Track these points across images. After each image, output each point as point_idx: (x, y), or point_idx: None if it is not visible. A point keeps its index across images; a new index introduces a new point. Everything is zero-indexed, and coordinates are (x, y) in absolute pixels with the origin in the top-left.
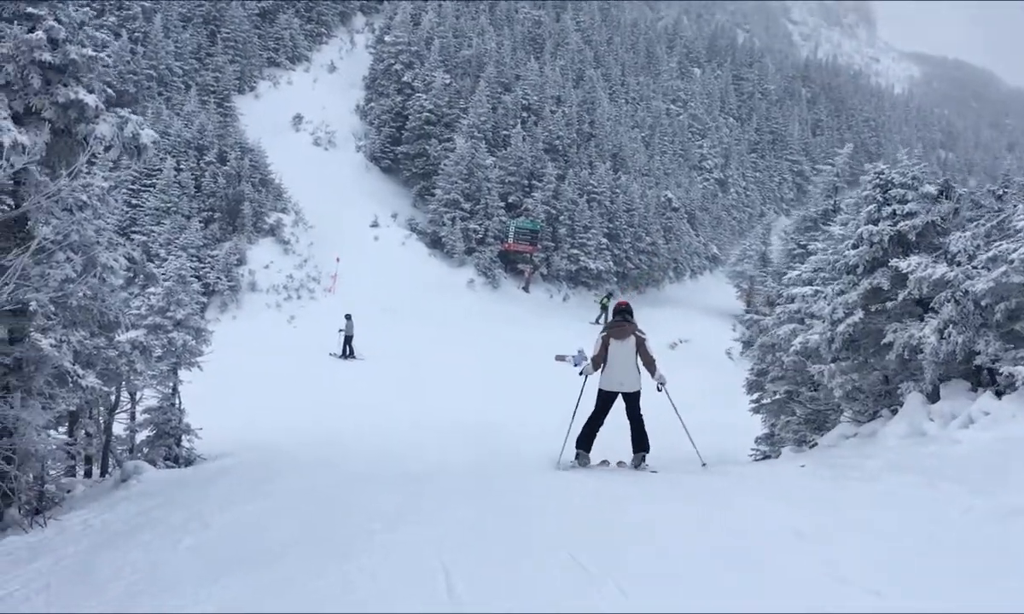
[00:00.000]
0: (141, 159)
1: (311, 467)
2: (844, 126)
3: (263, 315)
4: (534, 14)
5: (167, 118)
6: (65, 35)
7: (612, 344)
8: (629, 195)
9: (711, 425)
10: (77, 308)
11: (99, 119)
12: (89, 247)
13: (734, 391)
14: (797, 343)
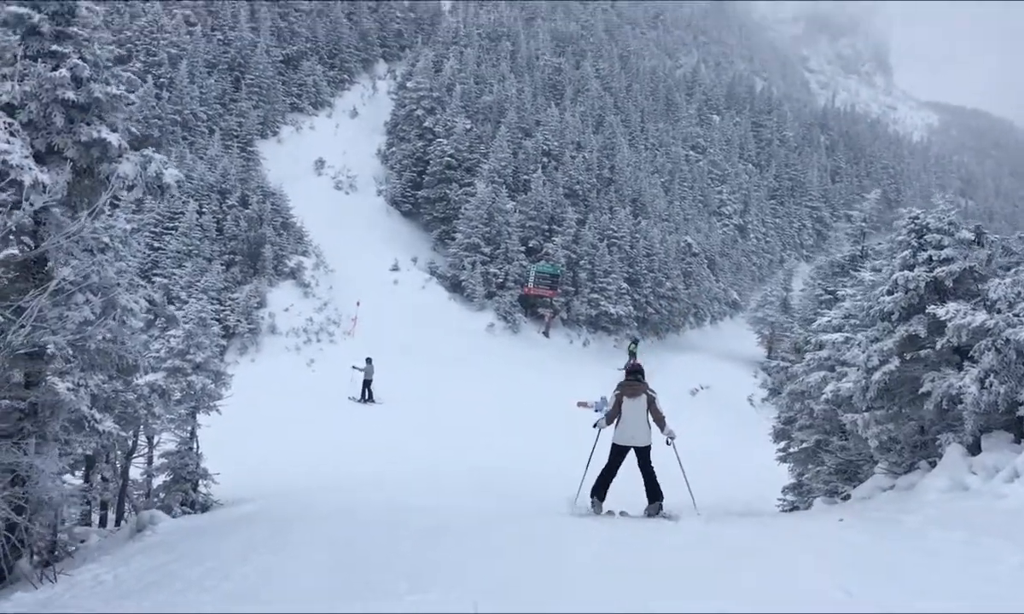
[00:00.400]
0: (164, 199)
1: (331, 516)
2: (863, 173)
3: (282, 358)
4: (554, 61)
5: (190, 162)
6: (89, 73)
7: (625, 402)
8: (649, 240)
9: (734, 473)
10: (96, 351)
11: (122, 158)
12: (109, 289)
13: (757, 439)
14: (828, 391)
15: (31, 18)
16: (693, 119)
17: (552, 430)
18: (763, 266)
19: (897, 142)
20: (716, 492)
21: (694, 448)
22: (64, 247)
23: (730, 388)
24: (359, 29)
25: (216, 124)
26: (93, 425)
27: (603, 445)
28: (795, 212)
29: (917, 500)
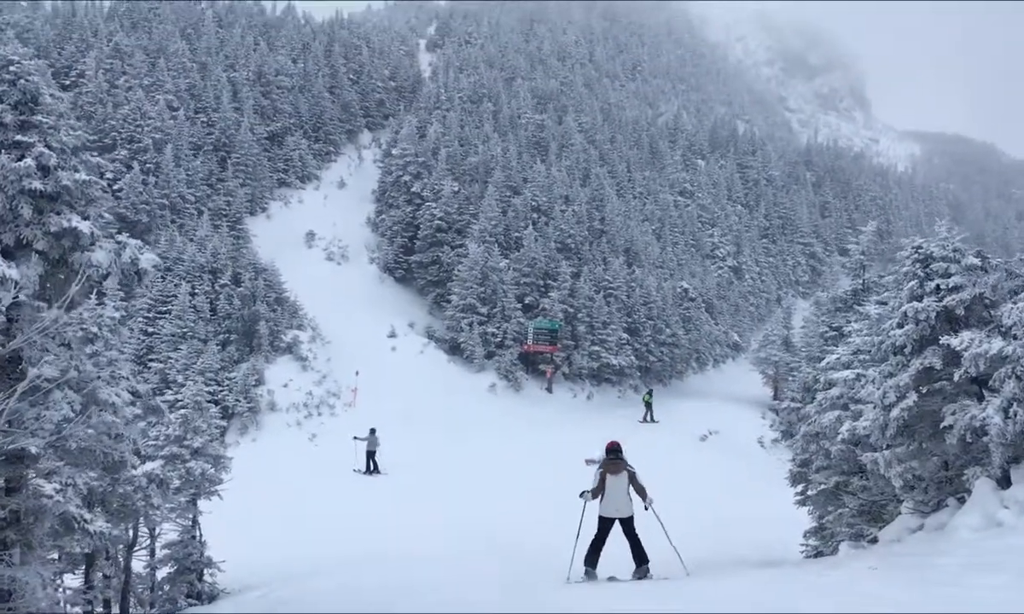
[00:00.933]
0: (143, 284)
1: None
2: (852, 206)
3: (284, 435)
4: (536, 118)
5: (180, 244)
6: (56, 162)
7: (609, 478)
8: (645, 288)
9: (750, 519)
10: (78, 451)
11: (95, 246)
12: (87, 383)
13: (771, 481)
14: (844, 430)
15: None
16: (679, 165)
17: (562, 489)
18: (761, 306)
19: (883, 174)
20: (734, 540)
21: (707, 495)
22: (38, 343)
23: (739, 431)
24: (341, 101)
25: (204, 205)
26: (84, 526)
27: (590, 516)
28: (788, 250)
29: (949, 541)
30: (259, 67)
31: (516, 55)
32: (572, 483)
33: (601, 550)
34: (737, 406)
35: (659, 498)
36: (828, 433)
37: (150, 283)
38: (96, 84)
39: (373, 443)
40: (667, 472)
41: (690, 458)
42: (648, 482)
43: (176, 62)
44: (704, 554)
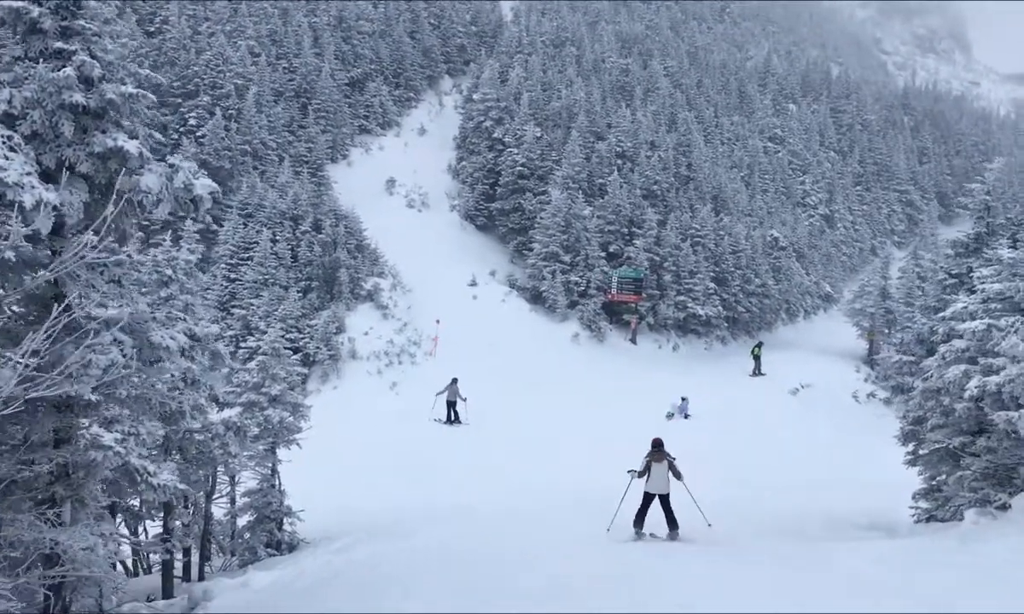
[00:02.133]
0: (199, 214)
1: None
2: (952, 152)
3: (364, 383)
4: (621, 62)
5: (261, 191)
6: (101, 73)
7: (653, 465)
8: (734, 236)
9: (850, 478)
10: (128, 399)
11: (144, 169)
12: (141, 324)
13: (870, 438)
14: (972, 387)
15: (30, 13)
16: (768, 110)
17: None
18: (854, 256)
19: (985, 118)
20: (836, 500)
21: (801, 452)
22: (82, 278)
23: (833, 385)
24: (422, 46)
25: (285, 151)
26: (147, 479)
27: (633, 488)
28: (883, 197)
29: None
30: (340, 12)
31: None
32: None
33: (644, 516)
34: (830, 359)
35: (748, 454)
36: (952, 389)
37: (203, 214)
38: (179, 29)
39: (454, 393)
40: (757, 427)
41: (781, 413)
42: (687, 466)
43: (257, 8)
44: (810, 513)
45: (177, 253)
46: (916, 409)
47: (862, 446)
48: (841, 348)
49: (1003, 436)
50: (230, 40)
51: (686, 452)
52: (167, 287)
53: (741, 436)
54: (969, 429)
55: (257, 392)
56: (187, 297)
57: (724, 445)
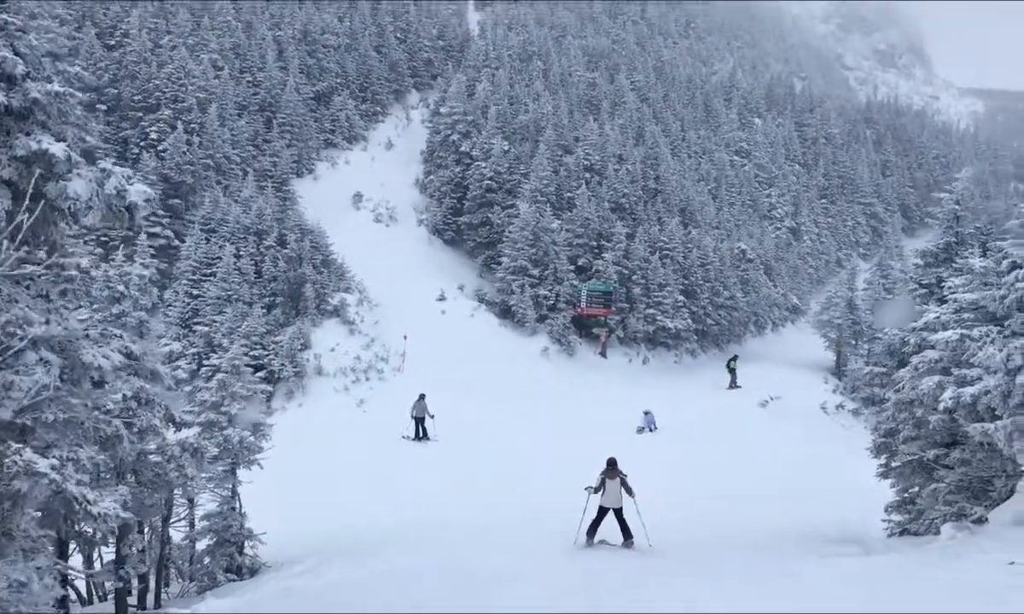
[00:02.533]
0: (135, 223)
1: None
2: (914, 165)
3: (331, 400)
4: (588, 76)
5: (225, 205)
6: (25, 70)
7: (607, 482)
8: (702, 249)
9: (821, 490)
10: (56, 423)
11: (72, 174)
12: (73, 343)
13: (838, 449)
14: (947, 398)
15: None
16: (734, 123)
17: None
18: (820, 268)
19: (945, 131)
20: (807, 513)
21: (772, 464)
22: (3, 292)
23: (801, 396)
24: (388, 60)
25: (249, 166)
26: (86, 508)
27: (591, 504)
28: (848, 210)
29: None
30: (304, 25)
31: (566, 12)
32: (623, 451)
33: (597, 529)
34: (798, 371)
35: (719, 467)
36: (925, 400)
37: (138, 223)
38: (140, 42)
39: (422, 409)
40: (728, 439)
41: (751, 425)
42: (641, 481)
43: (220, 21)
44: (781, 526)
45: (130, 268)
46: (888, 421)
47: (831, 457)
48: (809, 360)
49: (977, 448)
50: (192, 54)
51: (658, 465)
52: (119, 303)
53: (711, 448)
54: (942, 441)
55: (216, 411)
56: (140, 314)
57: (694, 458)
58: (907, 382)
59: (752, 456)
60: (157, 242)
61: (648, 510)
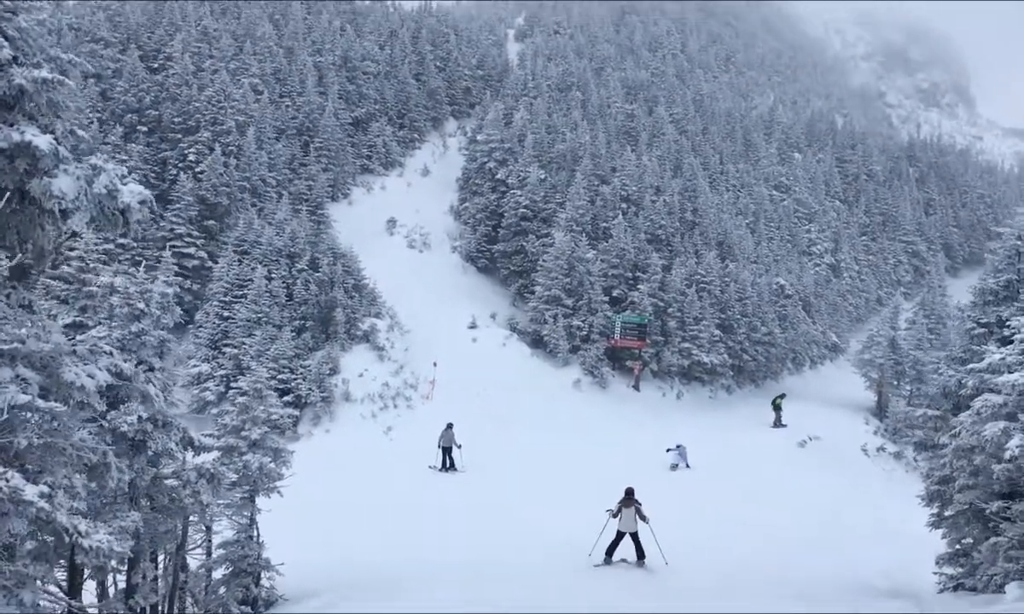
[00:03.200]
0: (129, 227)
1: None
2: (958, 204)
3: (358, 427)
4: (627, 108)
5: (258, 227)
6: (12, 54)
7: (624, 510)
8: (740, 283)
9: (867, 537)
10: (31, 449)
11: (59, 170)
12: (56, 359)
13: (883, 494)
14: (1014, 446)
15: None
16: (774, 158)
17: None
18: (860, 306)
19: (990, 170)
20: (850, 560)
21: (811, 508)
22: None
23: (841, 437)
24: (427, 88)
25: (285, 188)
26: (77, 540)
27: (609, 525)
28: (889, 248)
29: None
30: (345, 52)
31: (606, 45)
32: (656, 490)
33: (615, 550)
34: (838, 411)
35: (756, 509)
36: (988, 447)
37: (136, 226)
38: (182, 65)
39: (449, 439)
40: (765, 479)
41: (789, 465)
42: (675, 522)
43: (263, 46)
44: (823, 574)
45: (152, 285)
46: (943, 468)
47: (874, 502)
48: (849, 399)
49: None
50: (233, 77)
51: (693, 505)
52: (139, 321)
53: (748, 488)
54: (1005, 491)
55: (236, 436)
56: (161, 333)
57: (730, 498)
58: (968, 427)
59: (791, 498)
60: (191, 263)
61: (682, 553)
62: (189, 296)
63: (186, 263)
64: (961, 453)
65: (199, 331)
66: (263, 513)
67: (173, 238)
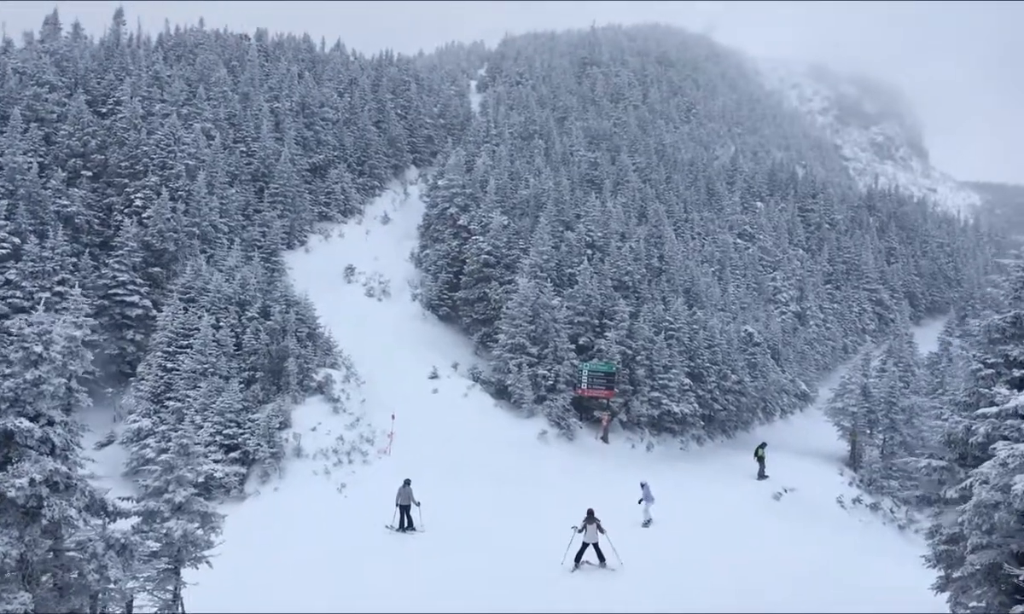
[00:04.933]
0: None
1: None
2: (919, 252)
3: (310, 484)
4: (590, 156)
5: (206, 273)
6: None
7: (588, 525)
8: (709, 330)
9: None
10: None
11: None
12: None
13: (864, 549)
14: None
15: None
16: (737, 206)
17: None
18: (827, 354)
19: (948, 221)
20: None
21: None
22: None
23: (816, 489)
24: (388, 136)
25: (238, 235)
26: None
27: (575, 540)
28: (853, 296)
29: None
30: (303, 98)
31: (568, 95)
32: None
33: (581, 557)
34: (811, 461)
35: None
36: (1018, 502)
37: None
38: (131, 109)
39: (407, 496)
40: (743, 535)
41: (767, 519)
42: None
43: (217, 91)
44: None
45: (51, 326)
46: (952, 525)
47: (857, 558)
48: (821, 449)
49: None
50: (185, 122)
51: (669, 566)
52: (36, 368)
53: (726, 546)
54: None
55: (158, 499)
56: (61, 380)
57: (706, 557)
58: (993, 480)
59: (772, 557)
60: (134, 311)
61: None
62: (132, 347)
63: (129, 312)
64: (983, 510)
65: (141, 384)
66: (197, 585)
67: (115, 286)
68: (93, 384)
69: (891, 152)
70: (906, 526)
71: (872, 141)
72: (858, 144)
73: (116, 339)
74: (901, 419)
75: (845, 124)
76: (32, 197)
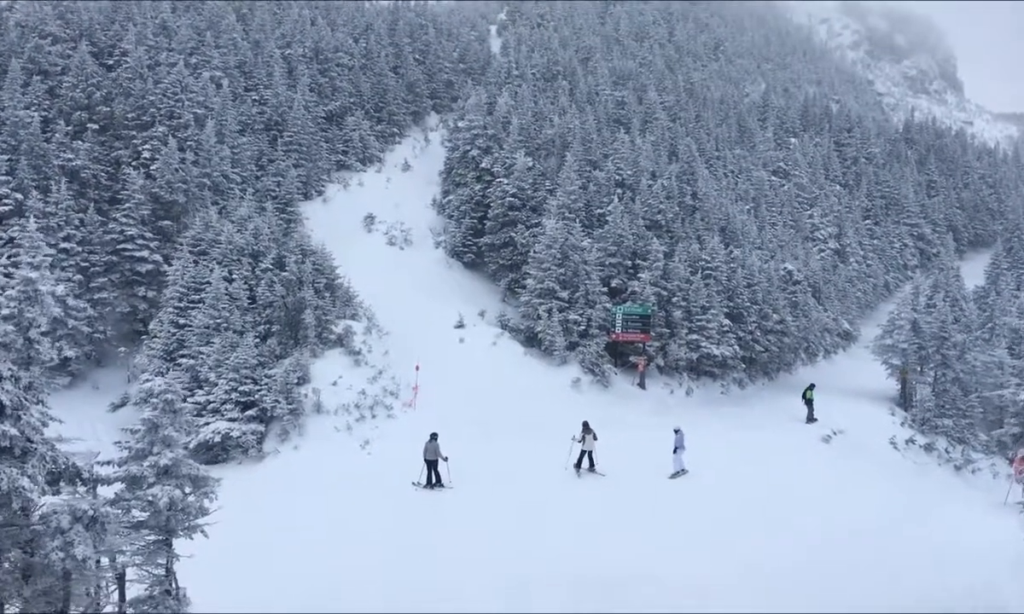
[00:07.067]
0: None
1: None
2: (960, 185)
3: (331, 441)
4: (616, 95)
5: (217, 225)
6: None
7: (586, 435)
8: (748, 269)
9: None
10: None
11: None
12: None
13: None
14: None
15: None
16: (771, 143)
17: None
18: (868, 292)
19: (988, 152)
20: (921, 581)
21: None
22: None
23: (867, 430)
24: (406, 81)
25: (251, 185)
26: None
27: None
28: (894, 231)
29: None
30: (316, 44)
31: (592, 35)
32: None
33: (581, 462)
34: (859, 401)
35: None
36: None
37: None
38: (136, 58)
39: (434, 451)
40: (795, 483)
41: (818, 463)
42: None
43: (226, 38)
44: (892, 601)
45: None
46: None
47: (922, 503)
48: (869, 389)
49: None
50: (193, 71)
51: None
52: None
53: (778, 496)
54: None
55: (141, 462)
56: (10, 328)
57: (758, 509)
58: None
59: (829, 506)
60: (144, 267)
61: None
62: (144, 304)
63: (139, 268)
64: None
65: (153, 342)
66: (192, 557)
67: (123, 241)
68: (106, 344)
69: (925, 85)
70: (963, 466)
71: (905, 75)
72: (891, 78)
73: (127, 296)
74: (953, 355)
75: (876, 59)
76: (35, 152)
